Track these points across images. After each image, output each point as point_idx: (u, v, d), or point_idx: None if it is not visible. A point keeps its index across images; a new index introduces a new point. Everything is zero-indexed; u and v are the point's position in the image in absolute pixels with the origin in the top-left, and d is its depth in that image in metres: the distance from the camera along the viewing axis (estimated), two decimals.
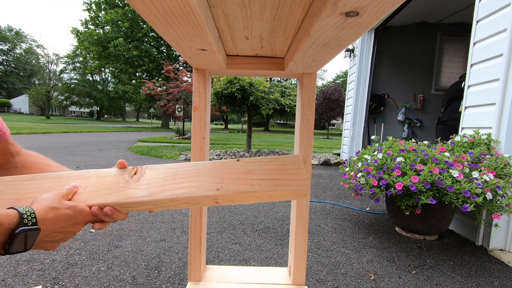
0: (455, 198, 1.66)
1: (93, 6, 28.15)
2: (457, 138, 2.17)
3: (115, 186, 0.52)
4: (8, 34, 46.45)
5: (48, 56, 47.36)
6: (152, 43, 26.97)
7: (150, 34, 26.24)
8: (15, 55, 47.69)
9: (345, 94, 13.16)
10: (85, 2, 28.27)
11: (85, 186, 0.53)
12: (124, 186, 0.52)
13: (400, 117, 5.70)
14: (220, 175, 0.53)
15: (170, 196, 0.50)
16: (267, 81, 5.87)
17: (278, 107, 5.49)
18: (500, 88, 1.99)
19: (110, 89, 39.16)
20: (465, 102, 2.36)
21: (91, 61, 32.70)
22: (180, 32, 0.47)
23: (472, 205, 1.62)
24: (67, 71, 42.64)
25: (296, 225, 0.82)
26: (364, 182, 2.00)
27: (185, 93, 11.29)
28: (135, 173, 0.54)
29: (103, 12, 28.04)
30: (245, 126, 24.99)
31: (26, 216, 0.41)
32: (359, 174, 2.05)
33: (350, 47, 5.45)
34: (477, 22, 2.26)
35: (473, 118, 2.27)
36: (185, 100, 11.29)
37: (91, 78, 42.77)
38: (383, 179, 1.87)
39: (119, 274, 1.50)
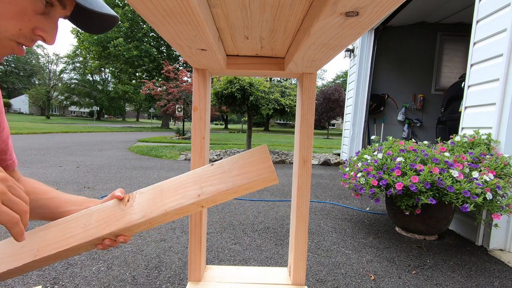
0: (455, 198, 1.66)
1: None
2: (457, 138, 2.17)
3: (113, 215, 0.59)
4: None
5: (48, 56, 47.45)
6: (152, 43, 26.96)
7: (150, 34, 26.24)
8: (15, 55, 47.62)
9: (345, 94, 13.16)
10: None
11: (89, 223, 0.59)
12: (121, 214, 0.59)
13: (400, 117, 5.70)
14: (199, 182, 0.60)
15: (160, 213, 0.58)
16: (267, 81, 5.87)
17: (278, 107, 5.49)
18: (500, 88, 1.99)
19: (110, 89, 39.17)
20: (465, 102, 2.36)
21: (91, 61, 32.67)
22: (180, 32, 0.47)
23: (472, 205, 1.62)
24: (67, 71, 42.67)
25: (296, 225, 0.82)
26: (364, 182, 2.00)
27: (185, 93, 11.29)
28: (128, 200, 0.60)
29: None
30: (245, 126, 25.00)
31: None
32: (359, 174, 2.05)
33: (350, 47, 5.45)
34: (477, 22, 2.26)
35: (473, 118, 2.27)
36: (185, 100, 11.29)
37: (91, 78, 42.78)
38: (383, 179, 1.87)
39: (119, 274, 1.50)
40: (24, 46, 0.50)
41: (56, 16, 0.50)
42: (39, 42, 0.54)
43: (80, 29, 0.59)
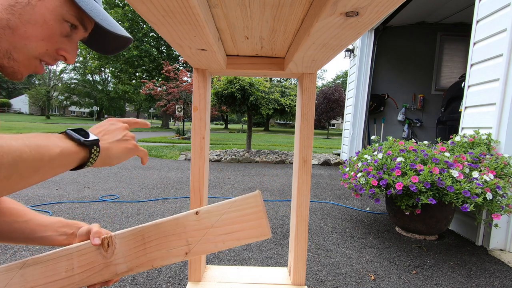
0: (455, 198, 1.66)
1: None
2: (457, 138, 2.17)
3: (96, 262, 0.58)
4: None
5: None
6: (152, 43, 26.96)
7: (150, 34, 26.25)
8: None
9: (345, 94, 13.16)
10: None
11: (72, 268, 0.58)
12: (104, 262, 0.58)
13: (400, 117, 5.70)
14: (184, 236, 0.58)
15: (147, 267, 0.59)
16: (267, 81, 5.87)
17: (278, 107, 5.49)
18: (500, 88, 1.99)
19: (110, 89, 39.15)
20: (465, 102, 2.36)
21: (91, 61, 32.69)
22: (180, 32, 0.47)
23: (472, 205, 1.62)
24: (67, 71, 42.64)
25: (296, 225, 0.82)
26: (364, 182, 2.00)
27: (185, 93, 11.29)
28: (108, 246, 0.58)
29: None
30: (245, 126, 24.98)
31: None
32: (359, 174, 2.05)
33: (350, 47, 5.45)
34: (477, 22, 2.26)
35: (473, 118, 2.27)
36: (185, 100, 11.29)
37: (91, 78, 42.76)
38: (383, 179, 1.87)
39: None
40: (45, 65, 0.54)
41: (77, 38, 0.55)
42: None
43: (94, 50, 0.64)
